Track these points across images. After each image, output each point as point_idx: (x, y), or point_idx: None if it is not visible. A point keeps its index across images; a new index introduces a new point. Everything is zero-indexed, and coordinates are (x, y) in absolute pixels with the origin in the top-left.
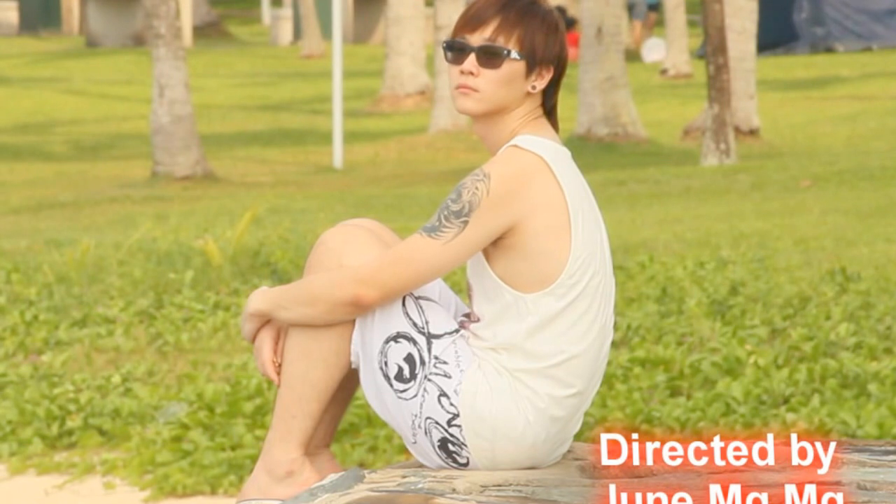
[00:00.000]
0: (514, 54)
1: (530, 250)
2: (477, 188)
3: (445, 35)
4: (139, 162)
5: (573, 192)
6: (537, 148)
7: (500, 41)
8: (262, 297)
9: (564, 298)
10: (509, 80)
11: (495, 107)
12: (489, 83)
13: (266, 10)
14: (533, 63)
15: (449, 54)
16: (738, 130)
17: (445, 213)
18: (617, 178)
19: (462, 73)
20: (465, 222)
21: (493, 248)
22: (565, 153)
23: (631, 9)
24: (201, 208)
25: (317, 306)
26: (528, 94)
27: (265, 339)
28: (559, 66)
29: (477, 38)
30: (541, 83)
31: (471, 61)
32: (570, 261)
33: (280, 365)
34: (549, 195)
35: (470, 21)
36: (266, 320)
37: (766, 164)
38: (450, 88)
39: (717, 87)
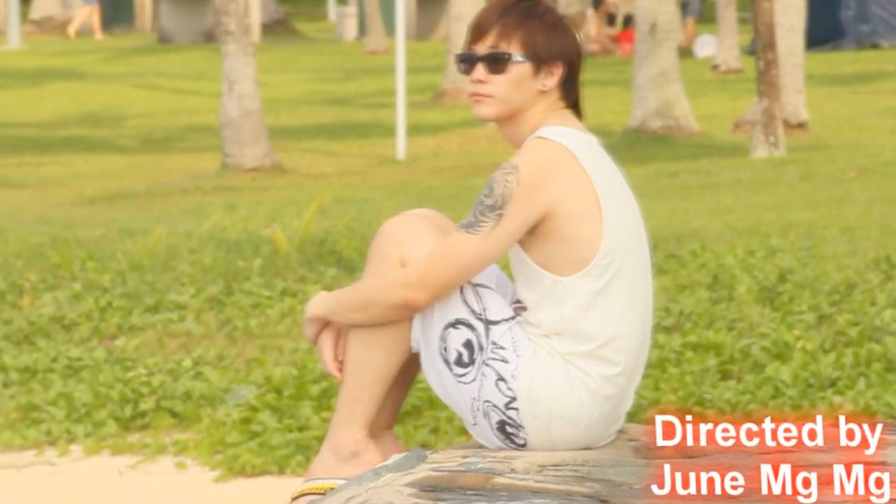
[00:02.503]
0: (517, 57)
1: (564, 235)
2: (507, 181)
3: None
4: (209, 154)
5: (600, 177)
6: (561, 137)
7: (503, 46)
8: (319, 303)
9: (601, 279)
10: (518, 81)
11: (510, 109)
12: (499, 87)
13: (332, 7)
14: (538, 62)
15: (462, 66)
16: (786, 123)
17: (480, 208)
18: (670, 169)
19: (473, 82)
20: (501, 215)
21: (529, 236)
22: (591, 140)
23: (684, 7)
24: (269, 198)
25: (370, 311)
26: (541, 92)
27: (326, 340)
28: (570, 62)
29: (482, 48)
30: (551, 81)
31: (479, 70)
32: (604, 242)
33: (342, 362)
34: (577, 181)
35: (474, 32)
36: (325, 323)
37: (813, 156)
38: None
39: (767, 82)
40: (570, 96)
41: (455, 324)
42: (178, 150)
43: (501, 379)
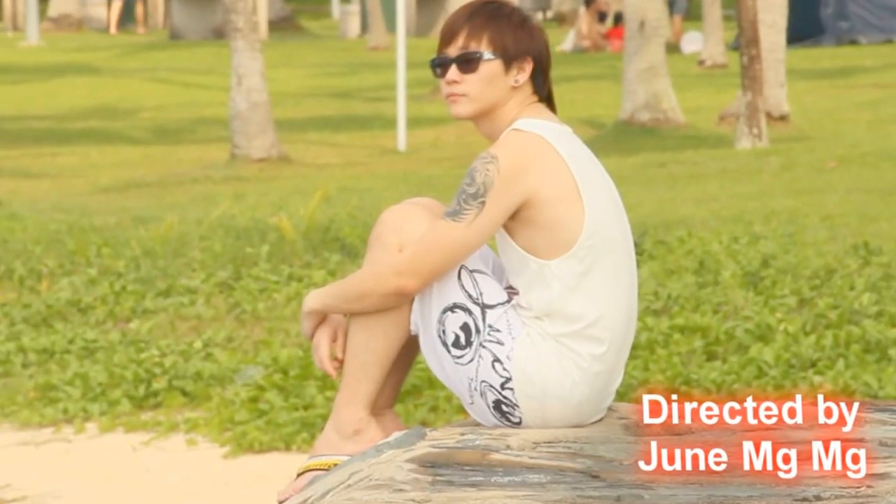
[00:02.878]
0: (487, 55)
1: (546, 220)
2: (488, 170)
3: None
4: (219, 145)
5: (577, 163)
6: (536, 128)
7: (473, 46)
8: (315, 297)
9: (586, 261)
10: (490, 79)
11: (484, 106)
12: (472, 86)
13: (335, 5)
14: (508, 59)
15: (437, 71)
16: (769, 116)
17: (463, 196)
18: (658, 160)
19: (447, 83)
20: (483, 202)
21: (513, 222)
22: (565, 130)
23: (671, 5)
24: (276, 188)
25: (365, 301)
26: (514, 88)
27: (322, 338)
28: (539, 57)
29: (453, 50)
30: (522, 76)
31: (452, 71)
32: (586, 225)
33: (339, 360)
34: (555, 168)
35: (444, 37)
36: (322, 318)
37: (795, 146)
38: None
39: (750, 77)
40: (542, 90)
41: (453, 308)
42: (188, 141)
43: (497, 360)
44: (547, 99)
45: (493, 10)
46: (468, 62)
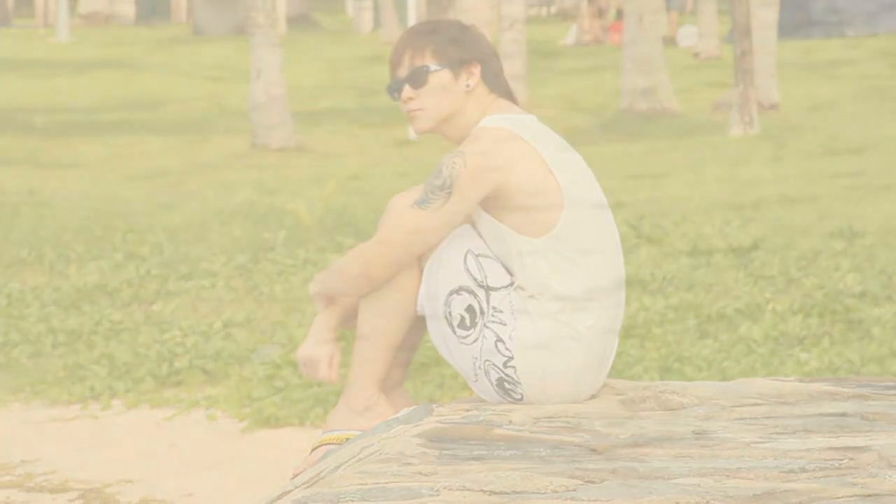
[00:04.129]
0: (433, 67)
1: (523, 203)
2: (455, 163)
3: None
4: (239, 136)
5: (544, 146)
6: (499, 123)
7: (418, 62)
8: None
9: (569, 237)
10: (442, 88)
11: (442, 115)
12: (426, 99)
13: (350, 2)
14: (454, 66)
15: (393, 95)
16: (760, 105)
17: (431, 187)
18: (655, 147)
19: (404, 102)
20: (450, 193)
21: (494, 209)
22: (528, 118)
23: (668, 0)
24: (293, 176)
25: (340, 283)
26: (467, 92)
27: (321, 357)
28: (485, 59)
29: (402, 71)
30: (473, 79)
31: (405, 90)
32: (565, 202)
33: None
34: (523, 154)
35: (393, 62)
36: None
37: (784, 134)
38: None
39: (743, 68)
40: (499, 88)
41: (458, 290)
42: (211, 132)
43: (500, 340)
44: (507, 95)
45: (431, 27)
46: (417, 78)
